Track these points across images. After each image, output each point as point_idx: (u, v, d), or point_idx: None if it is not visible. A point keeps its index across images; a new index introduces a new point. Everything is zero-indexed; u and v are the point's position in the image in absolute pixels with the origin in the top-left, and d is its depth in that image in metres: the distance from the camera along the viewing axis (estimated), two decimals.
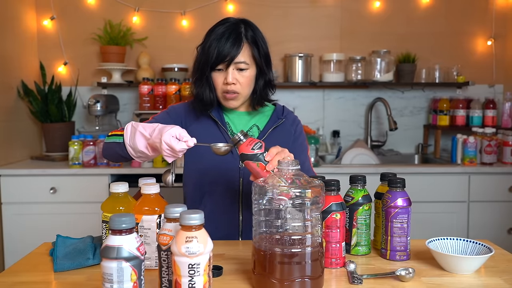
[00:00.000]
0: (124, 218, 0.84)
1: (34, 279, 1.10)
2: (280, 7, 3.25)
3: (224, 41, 1.41)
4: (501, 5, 3.27)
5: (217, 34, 1.43)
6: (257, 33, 1.48)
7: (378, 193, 1.34)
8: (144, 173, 2.64)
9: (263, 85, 1.52)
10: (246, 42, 1.45)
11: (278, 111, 1.60)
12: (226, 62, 1.42)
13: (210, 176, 1.49)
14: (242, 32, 1.45)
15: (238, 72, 1.45)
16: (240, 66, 1.44)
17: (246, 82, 1.46)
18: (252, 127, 1.55)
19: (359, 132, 3.34)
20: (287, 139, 1.56)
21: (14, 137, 2.91)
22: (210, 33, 1.46)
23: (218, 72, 1.45)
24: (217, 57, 1.42)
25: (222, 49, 1.41)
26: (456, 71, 3.18)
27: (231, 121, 1.55)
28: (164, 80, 2.96)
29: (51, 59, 3.22)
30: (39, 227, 2.64)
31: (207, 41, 1.45)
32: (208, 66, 1.44)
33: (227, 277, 1.10)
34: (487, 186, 2.74)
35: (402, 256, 1.22)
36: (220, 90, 1.47)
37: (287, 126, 1.58)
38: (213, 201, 1.49)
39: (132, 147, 1.31)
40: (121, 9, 3.21)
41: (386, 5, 3.27)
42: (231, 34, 1.43)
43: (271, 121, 1.57)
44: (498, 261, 1.21)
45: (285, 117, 1.59)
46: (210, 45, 1.43)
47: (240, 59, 1.43)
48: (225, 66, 1.43)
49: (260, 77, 1.51)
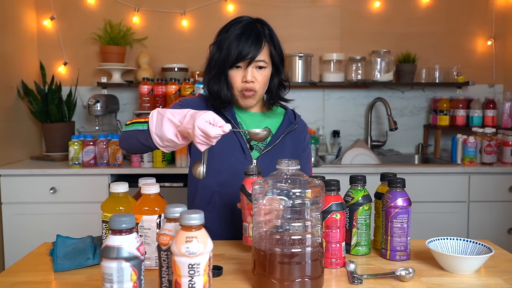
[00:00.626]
0: (124, 218, 0.83)
1: (34, 279, 1.10)
2: (280, 7, 3.25)
3: (245, 39, 1.42)
4: (501, 5, 3.27)
5: (236, 32, 1.43)
6: (273, 32, 1.50)
7: (378, 193, 1.34)
8: (144, 173, 2.64)
9: (278, 84, 1.52)
10: (265, 40, 1.45)
11: (289, 115, 1.59)
12: (247, 60, 1.42)
13: (222, 176, 1.48)
14: (261, 30, 1.45)
15: (257, 71, 1.45)
16: (259, 65, 1.44)
17: (263, 80, 1.47)
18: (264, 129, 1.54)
19: (359, 132, 3.34)
20: (297, 146, 1.57)
21: (14, 137, 2.91)
22: (227, 31, 1.45)
23: (236, 69, 1.45)
24: (239, 55, 1.41)
25: (243, 48, 1.41)
26: (456, 71, 3.18)
27: (244, 122, 1.54)
28: (164, 80, 2.96)
29: (51, 59, 3.22)
30: (39, 227, 2.64)
31: (225, 39, 1.44)
32: (228, 64, 1.43)
33: (227, 277, 1.10)
34: (487, 186, 2.74)
35: (402, 256, 1.22)
36: (238, 88, 1.46)
37: (298, 132, 1.58)
38: (222, 202, 1.48)
39: (158, 136, 1.24)
40: (121, 9, 3.21)
41: (386, 5, 3.27)
42: (251, 32, 1.43)
43: (283, 125, 1.55)
44: (498, 261, 1.21)
45: (297, 123, 1.59)
46: (231, 43, 1.42)
47: (260, 58, 1.44)
48: (245, 65, 1.43)
49: (275, 76, 1.51)
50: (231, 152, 1.47)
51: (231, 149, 1.47)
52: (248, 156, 1.47)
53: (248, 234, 1.24)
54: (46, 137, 3.04)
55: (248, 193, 1.21)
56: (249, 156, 1.48)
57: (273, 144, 1.50)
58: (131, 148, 1.37)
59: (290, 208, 0.98)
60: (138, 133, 1.30)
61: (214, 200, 1.49)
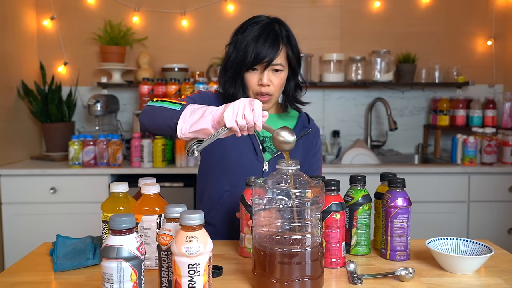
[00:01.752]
0: (124, 218, 0.84)
1: (34, 279, 1.10)
2: (280, 7, 3.25)
3: (262, 42, 1.38)
4: (501, 5, 3.27)
5: (253, 33, 1.39)
6: (290, 33, 1.46)
7: (378, 193, 1.34)
8: (144, 173, 2.64)
9: (294, 86, 1.50)
10: (282, 43, 1.41)
11: (303, 119, 1.57)
12: (265, 63, 1.39)
13: (233, 176, 1.46)
14: (279, 32, 1.41)
15: (273, 73, 1.42)
16: (276, 68, 1.41)
17: (279, 83, 1.43)
18: None
19: (359, 132, 3.34)
20: (309, 151, 1.54)
21: (14, 137, 2.91)
22: (243, 32, 1.42)
23: (252, 72, 1.42)
24: (255, 58, 1.38)
25: (260, 50, 1.37)
26: (456, 71, 3.18)
27: None
28: (164, 80, 2.95)
29: (51, 59, 3.22)
30: (39, 227, 2.64)
31: (242, 40, 1.40)
32: (245, 67, 1.40)
33: (227, 277, 1.10)
34: (487, 186, 2.74)
35: (402, 256, 1.22)
36: (253, 91, 1.43)
37: (311, 137, 1.56)
38: (231, 202, 1.47)
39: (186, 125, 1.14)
40: (121, 9, 3.21)
41: (386, 5, 3.27)
42: (269, 34, 1.39)
43: (297, 128, 1.53)
44: (498, 261, 1.21)
45: (311, 127, 1.57)
46: (247, 45, 1.38)
47: (277, 61, 1.39)
48: (262, 68, 1.40)
49: (292, 78, 1.49)
50: (243, 152, 1.46)
51: (244, 149, 1.46)
52: (260, 157, 1.46)
53: (244, 245, 1.24)
54: (46, 137, 3.04)
55: (247, 204, 1.21)
56: (261, 157, 1.47)
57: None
58: (151, 123, 1.27)
59: (290, 208, 0.98)
60: (168, 111, 1.21)
61: (223, 199, 1.48)
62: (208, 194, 1.52)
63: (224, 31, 3.27)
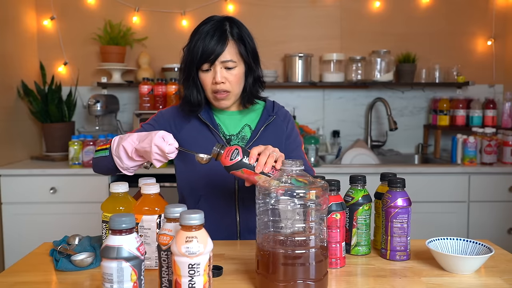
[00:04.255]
0: (124, 218, 0.84)
1: (34, 279, 1.10)
2: (280, 7, 3.25)
3: (208, 39, 1.39)
4: (501, 5, 3.27)
5: (202, 33, 1.40)
6: (243, 30, 1.45)
7: (378, 193, 1.34)
8: (144, 173, 2.64)
9: (253, 82, 1.49)
10: (231, 39, 1.41)
11: (268, 108, 1.56)
12: (211, 60, 1.39)
13: (205, 179, 1.47)
14: (227, 29, 1.42)
15: (226, 71, 1.42)
16: (227, 65, 1.41)
17: (235, 80, 1.43)
18: (244, 127, 1.53)
19: (359, 132, 3.34)
20: (279, 137, 1.54)
21: (14, 137, 2.91)
22: (195, 33, 1.43)
23: (206, 72, 1.42)
24: (202, 55, 1.39)
25: (206, 48, 1.38)
26: (456, 71, 3.18)
27: (222, 122, 1.53)
28: (164, 80, 2.96)
29: (51, 59, 3.22)
30: (39, 227, 2.64)
31: (192, 41, 1.42)
32: (194, 66, 1.42)
33: (227, 277, 1.10)
34: (487, 186, 2.74)
35: (402, 256, 1.22)
36: (209, 90, 1.44)
37: (279, 122, 1.55)
38: (209, 204, 1.47)
39: (118, 157, 1.32)
40: (121, 9, 3.21)
41: (386, 5, 3.27)
42: (215, 32, 1.40)
43: (262, 119, 1.53)
44: (498, 261, 1.21)
45: (276, 113, 1.56)
46: (195, 45, 1.40)
47: (226, 57, 1.40)
48: (210, 65, 1.41)
49: (249, 75, 1.48)
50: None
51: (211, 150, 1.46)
52: None
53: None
54: (46, 137, 3.04)
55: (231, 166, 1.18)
56: None
57: (253, 140, 1.48)
58: (102, 172, 1.45)
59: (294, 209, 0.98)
60: (103, 159, 1.38)
61: (201, 204, 1.48)
62: (187, 200, 1.53)
63: None
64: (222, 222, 1.47)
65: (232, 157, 1.17)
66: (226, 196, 1.48)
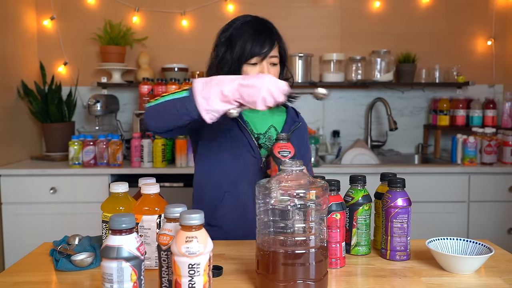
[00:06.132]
0: (124, 218, 0.83)
1: (34, 279, 1.10)
2: (280, 7, 3.25)
3: (258, 35, 1.42)
4: (501, 5, 3.27)
5: (247, 29, 1.43)
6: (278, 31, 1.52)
7: (378, 193, 1.34)
8: (144, 173, 2.64)
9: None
10: (276, 37, 1.47)
11: (291, 113, 1.59)
12: (264, 53, 1.42)
13: (232, 176, 1.47)
14: (271, 27, 1.47)
15: (271, 67, 1.45)
16: (273, 61, 1.45)
17: (276, 75, 1.47)
18: (270, 128, 1.53)
19: (359, 132, 3.34)
20: (301, 143, 1.57)
21: (14, 137, 2.91)
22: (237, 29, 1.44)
23: (253, 66, 1.44)
24: (255, 50, 1.41)
25: (258, 43, 1.41)
26: (456, 71, 3.18)
27: (250, 120, 1.53)
28: (164, 80, 2.95)
29: (51, 59, 3.22)
30: (39, 227, 2.64)
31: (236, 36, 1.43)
32: (243, 61, 1.42)
33: (227, 277, 1.10)
34: (487, 186, 2.74)
35: (402, 256, 1.22)
36: None
37: (302, 130, 1.59)
38: (233, 201, 1.47)
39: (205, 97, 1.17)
40: (121, 9, 3.21)
41: (386, 5, 3.27)
42: (264, 28, 1.45)
43: (288, 123, 1.55)
44: (498, 261, 1.21)
45: (301, 120, 1.60)
46: (245, 40, 1.41)
47: (275, 53, 1.45)
48: (262, 59, 1.43)
49: (281, 74, 1.52)
50: (240, 151, 1.47)
51: (241, 148, 1.47)
52: (257, 154, 1.47)
53: None
54: (46, 137, 3.04)
55: (275, 156, 1.29)
56: (258, 154, 1.48)
57: None
58: (161, 122, 1.27)
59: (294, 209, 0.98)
60: (175, 102, 1.21)
61: (225, 200, 1.48)
62: (208, 197, 1.52)
63: None
64: (244, 220, 1.47)
65: (281, 153, 1.29)
66: (250, 194, 1.47)
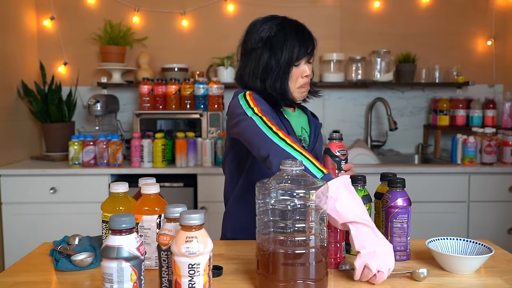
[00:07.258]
0: (124, 218, 0.84)
1: (34, 279, 1.10)
2: (280, 7, 3.25)
3: (302, 35, 1.44)
4: (501, 5, 3.27)
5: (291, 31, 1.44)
6: None
7: (378, 193, 1.34)
8: (144, 173, 2.64)
9: None
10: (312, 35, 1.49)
11: (309, 114, 1.62)
12: (308, 55, 1.45)
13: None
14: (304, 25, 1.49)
15: (309, 66, 1.48)
16: (311, 61, 1.48)
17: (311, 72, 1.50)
18: (302, 129, 1.55)
19: (359, 132, 3.34)
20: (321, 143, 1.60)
21: (14, 137, 2.91)
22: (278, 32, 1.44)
23: (297, 67, 1.46)
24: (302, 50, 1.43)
25: (304, 44, 1.43)
26: (456, 71, 3.18)
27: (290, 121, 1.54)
28: (164, 80, 2.96)
29: (51, 59, 3.22)
30: (39, 227, 2.64)
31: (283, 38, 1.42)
32: (293, 62, 1.44)
33: (227, 277, 1.10)
34: (487, 186, 2.74)
35: (402, 256, 1.22)
36: (299, 83, 1.47)
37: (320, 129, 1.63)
38: None
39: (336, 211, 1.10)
40: (121, 9, 3.21)
41: (386, 5, 3.27)
42: (303, 29, 1.47)
43: (312, 124, 1.58)
44: (498, 261, 1.21)
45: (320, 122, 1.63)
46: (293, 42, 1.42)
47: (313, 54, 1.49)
48: (307, 59, 1.46)
49: None
50: None
51: None
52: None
53: None
54: (46, 137, 3.04)
55: (333, 154, 1.35)
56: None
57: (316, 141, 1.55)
58: None
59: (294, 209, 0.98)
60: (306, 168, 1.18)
61: None
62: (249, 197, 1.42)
63: (224, 31, 3.29)
64: None
65: (339, 151, 1.36)
66: None
